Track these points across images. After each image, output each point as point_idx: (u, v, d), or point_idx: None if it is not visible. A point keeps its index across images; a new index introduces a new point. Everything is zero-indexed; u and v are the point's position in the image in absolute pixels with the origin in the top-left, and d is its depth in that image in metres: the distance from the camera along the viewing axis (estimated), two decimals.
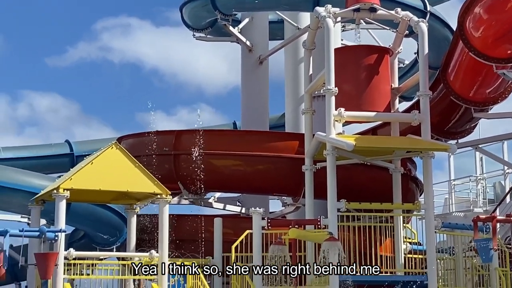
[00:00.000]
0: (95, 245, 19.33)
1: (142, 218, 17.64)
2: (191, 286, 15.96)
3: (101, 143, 19.75)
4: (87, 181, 15.06)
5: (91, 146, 23.17)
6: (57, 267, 14.35)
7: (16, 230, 14.38)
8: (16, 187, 17.49)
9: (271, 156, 18.45)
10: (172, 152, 18.76)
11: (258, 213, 16.02)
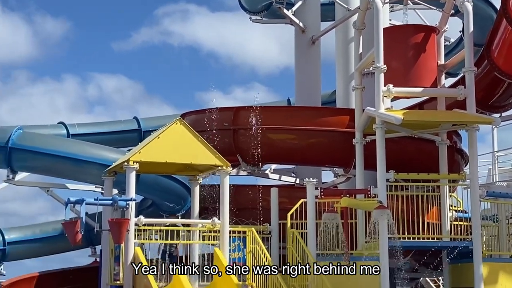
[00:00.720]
0: (162, 213, 19.56)
1: (205, 188, 17.77)
2: (250, 250, 16.07)
3: (166, 119, 19.89)
4: (154, 154, 15.24)
5: (157, 122, 23.36)
6: (128, 232, 14.58)
7: (91, 199, 14.66)
8: (91, 160, 17.81)
9: (323, 130, 18.37)
10: (232, 127, 18.79)
11: (311, 183, 16.01)
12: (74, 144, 18.99)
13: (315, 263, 15.20)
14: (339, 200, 15.30)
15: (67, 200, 14.45)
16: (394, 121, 14.95)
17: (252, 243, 16.06)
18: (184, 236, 16.13)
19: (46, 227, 22.25)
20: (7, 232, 21.38)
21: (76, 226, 13.84)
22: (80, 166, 17.96)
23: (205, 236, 15.92)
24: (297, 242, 15.88)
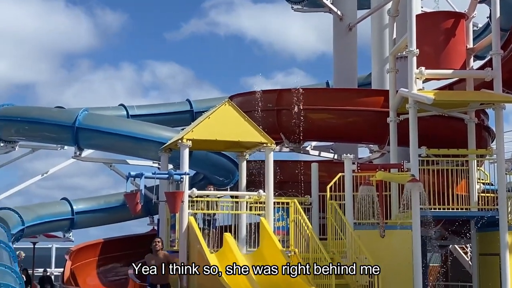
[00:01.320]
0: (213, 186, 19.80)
1: (251, 163, 17.89)
2: (293, 220, 16.15)
3: (216, 101, 20.04)
4: (205, 132, 15.35)
5: (207, 104, 23.55)
6: (183, 203, 14.76)
7: (149, 173, 14.81)
8: (148, 138, 18.04)
9: (360, 110, 18.31)
10: (275, 108, 18.84)
11: (349, 158, 16.02)
12: (133, 124, 19.26)
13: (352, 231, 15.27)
14: (374, 174, 15.31)
15: (128, 174, 14.67)
16: (426, 101, 14.87)
17: (295, 213, 16.12)
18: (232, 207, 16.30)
19: (109, 199, 22.67)
20: (75, 203, 21.86)
21: (136, 198, 14.04)
22: (139, 143, 18.22)
23: (252, 207, 16.02)
24: (335, 212, 15.92)
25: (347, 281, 14.90)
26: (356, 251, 15.00)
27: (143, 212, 20.21)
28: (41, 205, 21.85)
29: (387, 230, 15.06)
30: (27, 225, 20.22)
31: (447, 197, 15.55)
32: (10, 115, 19.84)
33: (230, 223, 16.22)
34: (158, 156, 17.33)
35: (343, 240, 15.50)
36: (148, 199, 17.40)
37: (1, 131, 20.01)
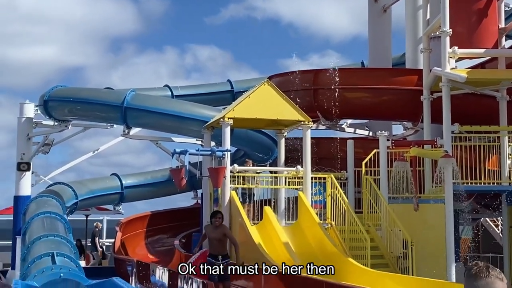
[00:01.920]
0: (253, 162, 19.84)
1: (289, 140, 17.88)
2: (329, 194, 16.14)
3: (255, 82, 20.00)
4: (246, 111, 15.36)
5: (247, 84, 23.49)
6: (225, 178, 14.84)
7: (193, 150, 14.94)
8: (192, 117, 18.11)
9: (394, 88, 18.16)
10: (312, 87, 18.79)
11: (383, 135, 15.90)
12: (178, 104, 19.36)
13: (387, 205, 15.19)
14: (408, 150, 15.17)
15: (173, 151, 14.79)
16: (459, 79, 14.64)
17: (331, 188, 16.12)
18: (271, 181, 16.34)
19: (155, 174, 22.92)
20: (124, 178, 22.15)
21: (181, 173, 14.17)
22: (183, 122, 18.32)
23: (290, 182, 16.06)
24: (371, 187, 15.86)
25: (382, 252, 14.88)
26: (391, 224, 14.94)
27: (188, 186, 20.36)
28: (93, 180, 22.21)
29: (421, 204, 14.95)
30: (80, 199, 20.58)
31: (479, 172, 15.37)
32: (63, 96, 20.12)
33: (270, 197, 16.29)
34: (201, 134, 17.43)
35: (378, 213, 15.46)
36: (192, 174, 17.51)
37: (55, 111, 20.31)
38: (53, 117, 20.53)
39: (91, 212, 26.05)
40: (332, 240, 14.50)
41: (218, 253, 12.07)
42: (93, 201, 21.99)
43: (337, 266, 13.43)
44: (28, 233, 15.11)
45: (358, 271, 12.79)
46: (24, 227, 16.20)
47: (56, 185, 20.69)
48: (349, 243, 15.13)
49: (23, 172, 20.49)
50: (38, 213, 16.21)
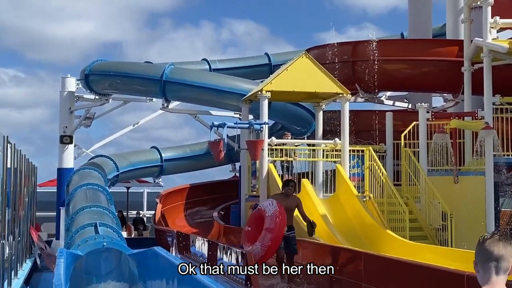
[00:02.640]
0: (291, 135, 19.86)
1: (327, 113, 17.82)
2: (368, 166, 16.10)
3: (293, 54, 19.88)
4: (284, 84, 15.35)
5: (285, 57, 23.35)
6: (263, 151, 14.91)
7: (231, 123, 15.01)
8: (230, 90, 18.17)
9: (434, 60, 17.88)
10: (351, 59, 18.62)
11: (423, 107, 15.75)
12: (216, 77, 19.43)
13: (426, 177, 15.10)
14: (448, 122, 15.01)
15: (211, 124, 14.87)
16: (501, 50, 14.40)
17: (370, 160, 16.07)
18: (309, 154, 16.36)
19: (194, 147, 23.11)
20: (164, 151, 22.41)
21: (219, 146, 14.27)
22: (221, 95, 18.40)
23: (328, 155, 16.05)
24: (410, 159, 15.75)
25: (420, 224, 14.83)
26: (430, 196, 14.86)
27: (226, 159, 20.42)
28: (133, 153, 22.51)
29: (461, 176, 14.82)
30: (121, 171, 20.90)
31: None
32: (104, 69, 20.37)
33: (308, 170, 16.31)
34: (239, 107, 17.49)
35: (416, 186, 15.37)
36: (230, 147, 17.63)
37: (96, 85, 20.58)
38: (94, 91, 20.82)
39: (131, 184, 26.44)
40: (370, 213, 14.49)
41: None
42: (133, 174, 22.31)
43: (375, 238, 13.48)
44: (72, 204, 15.46)
45: (397, 243, 12.79)
46: (67, 198, 16.56)
47: (98, 158, 21.04)
48: (388, 215, 15.11)
49: (65, 145, 20.88)
50: (81, 184, 16.54)
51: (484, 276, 3.37)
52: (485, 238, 3.42)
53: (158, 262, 8.43)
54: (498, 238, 3.40)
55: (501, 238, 3.40)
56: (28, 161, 15.39)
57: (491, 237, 3.42)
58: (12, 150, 10.85)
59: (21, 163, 12.77)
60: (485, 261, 3.36)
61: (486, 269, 3.35)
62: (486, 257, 3.36)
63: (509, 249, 3.37)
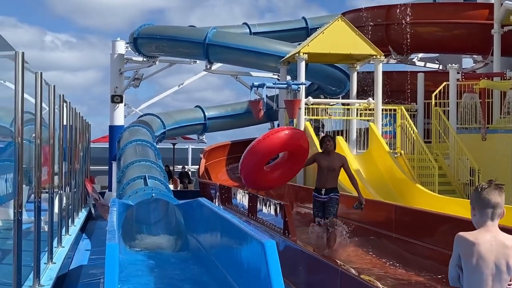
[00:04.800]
0: (326, 95, 19.67)
1: (361, 74, 17.61)
2: (399, 125, 15.92)
3: (329, 18, 19.57)
4: (320, 46, 15.22)
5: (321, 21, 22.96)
6: (300, 110, 14.88)
7: (270, 84, 15.00)
8: (269, 52, 18.04)
9: (465, 22, 17.42)
10: (384, 23, 18.28)
11: (454, 68, 15.45)
12: (256, 40, 19.28)
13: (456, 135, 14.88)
14: (478, 82, 14.70)
15: (252, 85, 14.88)
16: None
17: (401, 119, 15.89)
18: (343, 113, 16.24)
19: (235, 106, 23.12)
20: (207, 110, 22.49)
21: (259, 105, 14.29)
22: (261, 57, 18.28)
23: (362, 114, 15.93)
24: (440, 118, 15.52)
25: (449, 179, 14.68)
26: (459, 153, 14.67)
27: (265, 118, 20.43)
28: (179, 112, 22.65)
29: (489, 134, 14.56)
30: (167, 129, 21.09)
31: None
32: (151, 33, 20.39)
33: (342, 128, 16.23)
34: (278, 68, 17.39)
35: (446, 143, 15.18)
36: (269, 106, 17.62)
37: (144, 48, 20.65)
38: (142, 53, 20.90)
39: (177, 141, 26.68)
40: (401, 168, 14.40)
41: (323, 186, 9.25)
42: (179, 131, 22.49)
43: (406, 192, 13.40)
44: (123, 158, 15.70)
45: (426, 197, 12.70)
46: (118, 153, 16.80)
47: (146, 116, 21.24)
48: (418, 170, 14.99)
49: (116, 104, 21.11)
50: (131, 140, 16.76)
51: (480, 220, 3.57)
52: (483, 187, 3.62)
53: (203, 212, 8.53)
54: (495, 187, 3.61)
55: (496, 187, 3.61)
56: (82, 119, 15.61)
57: (488, 186, 3.61)
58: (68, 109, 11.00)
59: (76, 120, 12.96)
60: (483, 207, 3.56)
61: (483, 214, 3.56)
62: (484, 204, 3.55)
63: (503, 197, 3.59)
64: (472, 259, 3.49)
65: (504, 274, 3.48)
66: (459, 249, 3.57)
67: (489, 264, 3.48)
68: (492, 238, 3.51)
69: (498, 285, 3.48)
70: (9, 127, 5.61)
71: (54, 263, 7.91)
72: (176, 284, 7.25)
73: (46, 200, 7.85)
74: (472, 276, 3.50)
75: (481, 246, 3.49)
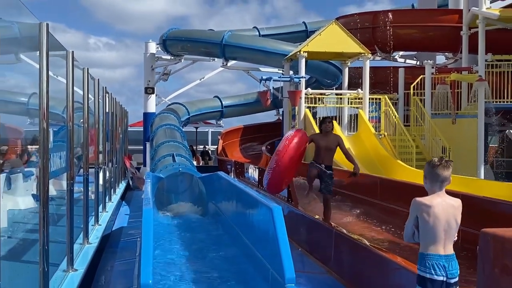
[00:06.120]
0: (322, 86, 19.56)
1: (352, 69, 17.48)
2: (383, 111, 15.82)
3: (325, 23, 19.34)
4: (317, 46, 15.10)
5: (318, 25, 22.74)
6: (301, 99, 14.82)
7: (276, 77, 14.93)
8: (275, 51, 17.92)
9: (438, 25, 17.19)
10: (371, 26, 18.09)
11: (429, 64, 15.29)
12: (264, 41, 19.15)
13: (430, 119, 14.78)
14: (449, 76, 14.55)
15: (260, 78, 14.78)
16: (493, 17, 13.75)
17: (385, 106, 15.79)
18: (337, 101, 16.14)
19: (247, 96, 23.07)
20: (224, 99, 22.47)
21: (267, 95, 14.23)
22: (269, 55, 18.15)
23: (352, 102, 15.83)
24: (417, 105, 15.41)
25: (425, 156, 14.60)
26: (433, 134, 14.57)
27: (271, 106, 20.45)
28: (200, 101, 22.61)
29: (458, 119, 14.44)
30: (191, 115, 21.08)
31: (506, 92, 14.58)
32: (177, 35, 20.29)
33: (336, 114, 16.15)
34: (282, 64, 17.28)
35: (422, 126, 15.07)
36: (275, 96, 17.61)
37: (171, 48, 20.57)
38: (170, 52, 20.82)
39: (199, 125, 26.69)
40: (384, 147, 14.33)
41: (321, 162, 8.41)
42: (200, 117, 22.49)
43: (389, 167, 13.35)
44: (155, 139, 15.73)
45: (406, 171, 12.66)
46: (151, 135, 16.84)
47: (174, 105, 21.23)
48: (399, 149, 14.91)
49: (149, 95, 21.11)
50: (161, 125, 16.77)
51: (431, 188, 3.75)
52: (435, 164, 3.74)
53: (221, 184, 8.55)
54: (445, 164, 3.72)
55: (446, 164, 3.73)
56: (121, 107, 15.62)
57: (439, 164, 3.73)
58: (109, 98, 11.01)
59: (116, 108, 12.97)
60: (434, 180, 3.72)
61: (433, 185, 3.74)
62: (435, 178, 3.72)
63: (450, 171, 3.76)
64: (429, 218, 3.65)
65: (453, 229, 3.68)
66: (417, 211, 3.71)
67: (442, 222, 3.65)
68: (442, 201, 3.69)
69: (448, 238, 3.67)
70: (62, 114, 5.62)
71: (100, 225, 7.98)
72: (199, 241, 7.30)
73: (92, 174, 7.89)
74: (429, 232, 3.66)
75: (436, 208, 3.66)
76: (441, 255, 3.64)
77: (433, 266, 3.63)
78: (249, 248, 5.60)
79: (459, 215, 3.72)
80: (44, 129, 4.06)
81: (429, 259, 3.65)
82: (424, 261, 3.66)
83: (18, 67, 4.49)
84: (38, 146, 4.11)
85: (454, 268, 3.66)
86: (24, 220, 5.55)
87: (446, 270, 3.62)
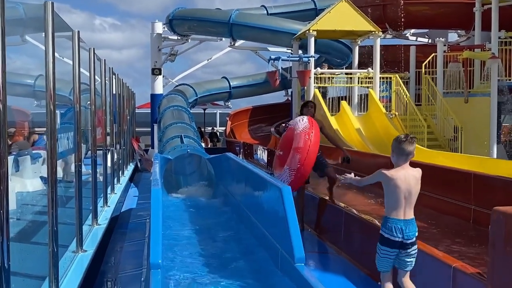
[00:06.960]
0: (332, 66, 19.43)
1: (362, 47, 17.33)
2: (394, 90, 15.72)
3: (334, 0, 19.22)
4: (327, 24, 14.96)
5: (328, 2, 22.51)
6: (310, 78, 14.75)
7: (285, 57, 14.85)
8: (283, 30, 17.78)
9: (450, 2, 17.00)
10: (382, 3, 17.91)
11: (441, 41, 15.13)
12: (272, 20, 19.01)
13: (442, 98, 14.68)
14: (461, 53, 14.40)
15: (269, 58, 14.71)
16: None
17: (396, 85, 15.68)
18: (346, 81, 16.06)
19: (255, 77, 22.98)
20: (232, 80, 22.39)
21: (275, 75, 14.19)
22: (277, 34, 18.03)
23: (362, 81, 15.73)
24: (429, 84, 15.30)
25: (436, 136, 14.55)
26: (444, 113, 14.49)
27: (280, 86, 20.34)
28: (208, 82, 22.57)
29: (470, 97, 14.33)
30: (199, 96, 21.07)
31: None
32: (184, 15, 20.18)
33: (345, 94, 16.08)
34: (291, 43, 17.17)
35: (434, 105, 14.99)
36: (284, 76, 17.53)
37: (178, 28, 20.48)
38: (177, 32, 20.74)
39: (207, 106, 26.70)
40: (395, 127, 14.27)
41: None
42: (208, 98, 22.46)
43: None
44: (162, 121, 15.77)
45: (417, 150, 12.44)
46: (159, 117, 16.87)
47: (181, 86, 21.22)
48: (410, 129, 14.83)
49: (156, 76, 21.10)
50: (169, 106, 16.79)
51: (397, 161, 4.25)
52: (402, 140, 4.22)
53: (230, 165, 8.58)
54: (410, 140, 4.20)
55: (411, 140, 4.21)
56: (128, 88, 15.65)
57: (405, 140, 4.20)
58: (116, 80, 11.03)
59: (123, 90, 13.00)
60: (400, 154, 4.22)
61: (399, 158, 4.23)
62: (401, 152, 4.21)
63: (414, 146, 4.23)
64: (392, 189, 4.21)
65: (412, 196, 4.24)
66: (383, 182, 4.26)
67: (402, 190, 4.20)
68: (405, 172, 4.22)
69: (408, 204, 4.24)
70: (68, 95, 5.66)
71: (109, 206, 8.06)
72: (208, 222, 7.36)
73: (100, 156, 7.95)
74: (391, 199, 4.23)
75: (398, 180, 4.19)
76: (400, 219, 4.21)
77: (392, 228, 4.21)
78: (258, 228, 5.64)
79: (418, 184, 4.26)
80: (51, 111, 4.09)
81: (389, 222, 4.23)
82: (386, 223, 4.26)
83: (23, 48, 4.51)
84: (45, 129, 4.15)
85: (411, 231, 4.23)
86: (32, 202, 5.62)
87: (403, 232, 4.20)
